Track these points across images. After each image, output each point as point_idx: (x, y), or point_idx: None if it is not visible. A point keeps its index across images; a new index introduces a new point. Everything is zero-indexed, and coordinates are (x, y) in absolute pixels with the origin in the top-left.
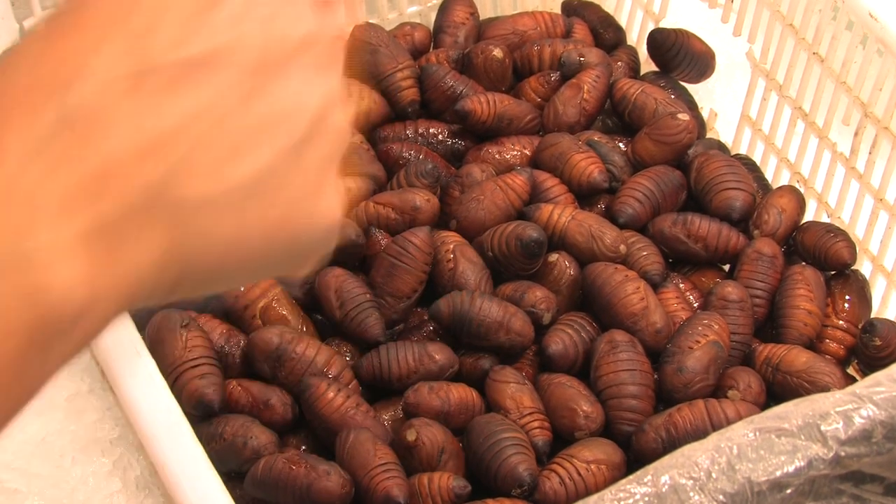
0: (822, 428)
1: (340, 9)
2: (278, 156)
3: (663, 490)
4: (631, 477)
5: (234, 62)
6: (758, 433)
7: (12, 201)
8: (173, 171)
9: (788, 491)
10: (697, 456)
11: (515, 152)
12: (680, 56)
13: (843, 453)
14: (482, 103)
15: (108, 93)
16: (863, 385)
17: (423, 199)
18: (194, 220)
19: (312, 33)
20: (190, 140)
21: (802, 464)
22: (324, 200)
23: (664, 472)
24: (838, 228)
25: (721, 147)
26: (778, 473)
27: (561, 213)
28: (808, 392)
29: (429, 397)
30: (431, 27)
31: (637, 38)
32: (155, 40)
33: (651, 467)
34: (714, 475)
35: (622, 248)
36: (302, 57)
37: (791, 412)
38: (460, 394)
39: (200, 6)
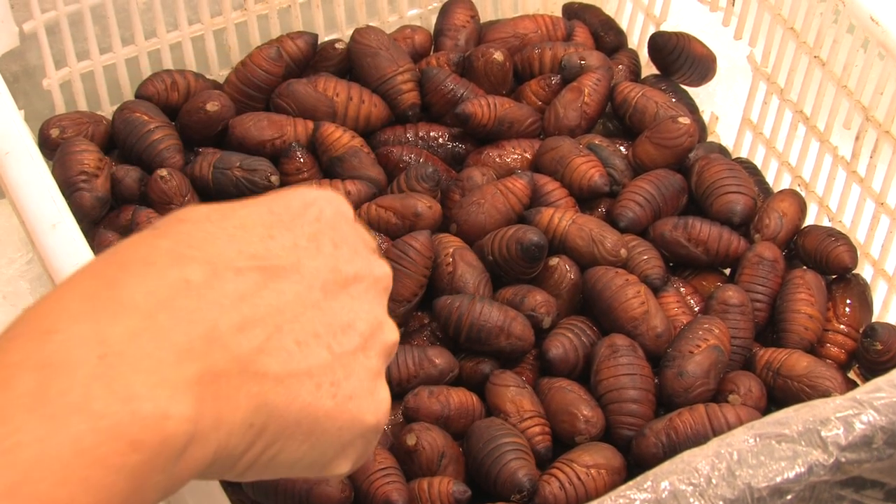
0: (823, 434)
1: (381, 258)
2: (337, 357)
3: (663, 496)
4: (631, 483)
5: (306, 274)
6: (758, 439)
7: (139, 348)
8: (259, 349)
9: (789, 497)
10: (697, 462)
11: (516, 156)
12: (681, 59)
13: (843, 459)
14: (483, 107)
15: (216, 273)
16: (863, 391)
17: (425, 206)
18: (274, 391)
19: (365, 268)
20: (271, 328)
21: (803, 470)
22: (370, 403)
23: (664, 478)
24: (839, 232)
25: (722, 151)
26: (778, 479)
27: (561, 216)
28: (808, 396)
29: (429, 401)
30: (432, 30)
31: (638, 41)
32: (249, 240)
33: (651, 473)
34: (714, 481)
35: (623, 252)
36: (358, 284)
37: (791, 418)
38: (460, 398)
39: (282, 220)
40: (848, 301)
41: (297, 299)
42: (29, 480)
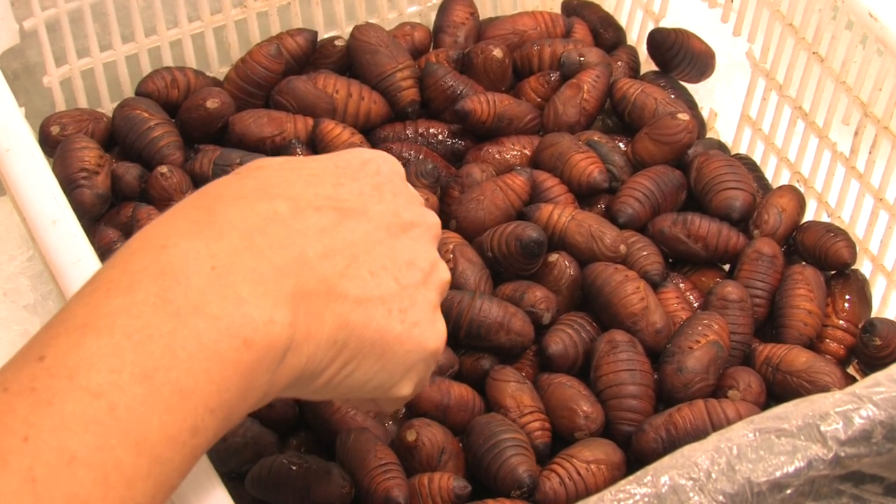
0: (822, 428)
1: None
2: (403, 288)
3: (663, 490)
4: (630, 477)
5: (373, 216)
6: (757, 433)
7: (243, 263)
8: (341, 274)
9: (788, 491)
10: (697, 456)
11: (515, 152)
12: (680, 56)
13: (842, 454)
14: (482, 103)
15: (299, 209)
16: (862, 385)
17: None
18: (354, 312)
19: (420, 216)
20: (349, 258)
21: (802, 464)
22: (432, 331)
23: (664, 473)
24: (838, 228)
25: (721, 147)
26: (778, 474)
27: (561, 213)
28: (808, 392)
29: (429, 389)
30: (431, 27)
31: (637, 37)
32: (322, 185)
33: (651, 468)
34: (714, 476)
35: (622, 248)
36: (415, 229)
37: (791, 412)
38: (460, 391)
39: (347, 172)
40: (847, 296)
41: (367, 237)
42: (161, 367)
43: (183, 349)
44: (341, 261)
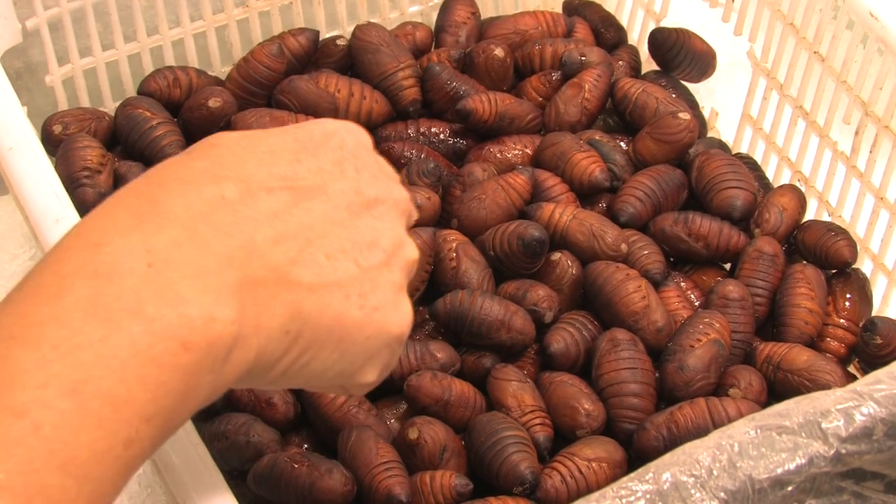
0: (823, 425)
1: (401, 184)
2: (363, 270)
3: (665, 487)
4: (632, 475)
5: (332, 195)
6: (759, 431)
7: (183, 256)
8: (293, 261)
9: (789, 488)
10: (699, 453)
11: (517, 151)
12: (681, 55)
13: (843, 451)
14: (483, 102)
15: (250, 191)
16: (863, 383)
17: (423, 198)
18: (307, 300)
19: (385, 191)
20: (303, 242)
21: (803, 461)
22: (395, 315)
23: (665, 470)
24: (839, 227)
25: (722, 146)
26: (779, 471)
27: (562, 212)
28: (808, 390)
29: (430, 384)
30: (433, 26)
31: (638, 37)
32: (277, 164)
33: (652, 465)
34: (715, 472)
35: (623, 247)
36: (379, 206)
37: (792, 410)
38: (462, 388)
39: (307, 147)
40: (848, 295)
41: (325, 217)
42: (91, 378)
43: (115, 357)
44: (294, 246)
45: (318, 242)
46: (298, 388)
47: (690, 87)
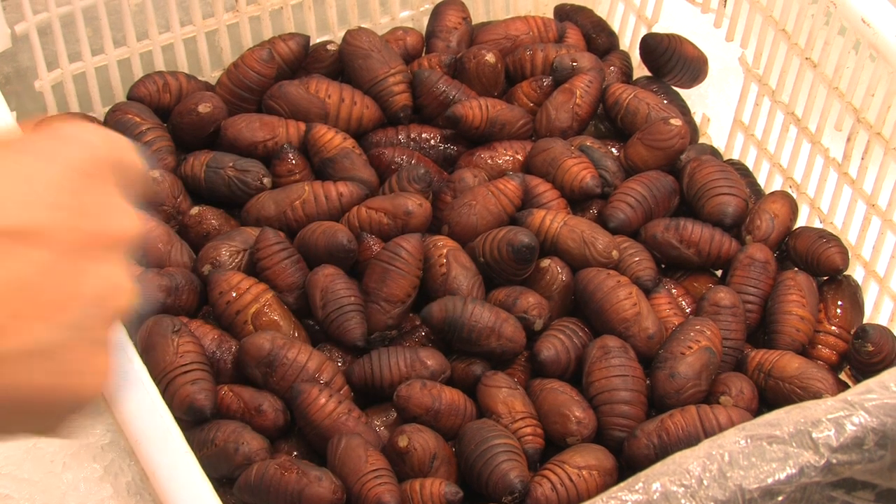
0: (814, 435)
1: (132, 210)
2: (59, 331)
3: (654, 497)
4: (622, 484)
5: (47, 242)
6: (749, 440)
7: None
8: None
9: (780, 498)
10: (689, 463)
11: (508, 157)
12: (672, 61)
13: (834, 460)
14: (474, 108)
15: None
16: (854, 392)
17: (415, 204)
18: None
19: (99, 232)
20: None
21: (794, 471)
22: (89, 377)
23: (655, 480)
24: (831, 234)
25: (713, 152)
26: (769, 481)
27: (553, 218)
28: (800, 398)
29: (420, 393)
30: (424, 32)
31: (630, 42)
32: None
33: (642, 474)
34: (705, 482)
35: (614, 253)
36: (99, 246)
37: (782, 419)
38: (452, 396)
39: (23, 188)
40: (839, 302)
41: (23, 270)
42: None
43: None
44: None
45: (6, 306)
46: None
47: (682, 92)
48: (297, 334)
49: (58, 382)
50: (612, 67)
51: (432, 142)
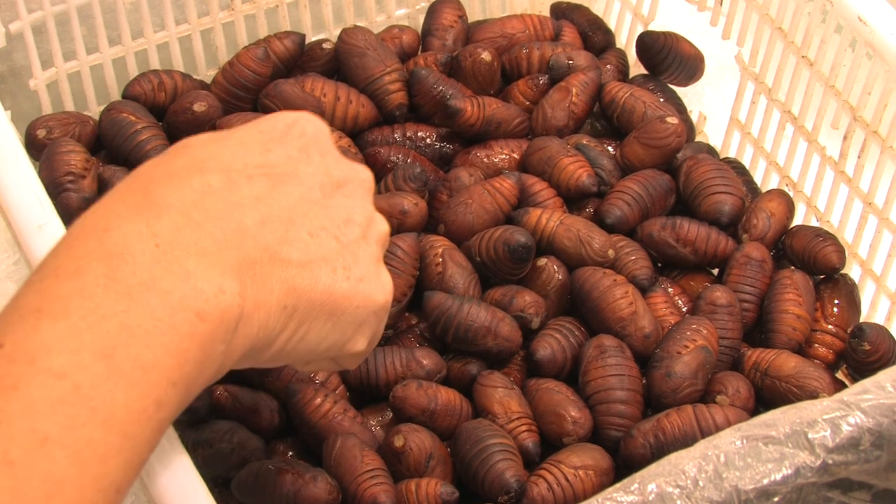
0: (810, 436)
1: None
2: (344, 245)
3: (650, 498)
4: (617, 485)
5: (305, 178)
6: (745, 441)
7: (185, 238)
8: (281, 240)
9: (776, 499)
10: (684, 464)
11: (504, 156)
12: (669, 59)
13: (830, 461)
14: (471, 106)
15: (232, 180)
16: (850, 392)
17: (411, 203)
18: (299, 275)
19: (351, 172)
20: (287, 222)
21: (790, 472)
22: (378, 284)
23: (651, 481)
24: (827, 232)
25: (710, 150)
26: (765, 481)
27: (549, 217)
28: (796, 397)
29: (416, 394)
30: (420, 30)
31: (626, 40)
32: (250, 154)
33: (638, 475)
34: (701, 483)
35: (610, 252)
36: (348, 186)
37: (778, 420)
38: (448, 396)
39: (273, 137)
40: (836, 301)
41: (302, 199)
42: (119, 345)
43: (139, 326)
44: (280, 226)
45: (300, 222)
46: (295, 363)
47: (678, 90)
48: None
49: (354, 287)
50: (608, 66)
51: (428, 140)
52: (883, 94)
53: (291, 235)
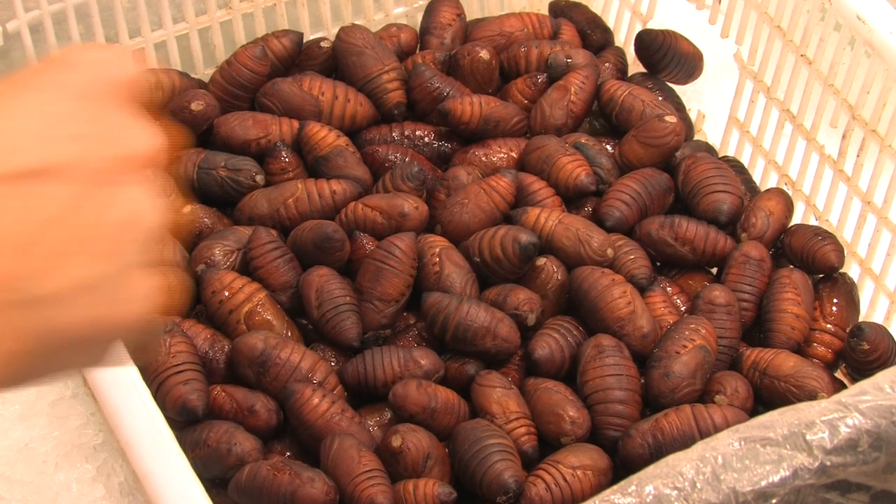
0: (808, 437)
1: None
2: (90, 263)
3: (648, 500)
4: (615, 487)
5: (69, 176)
6: (743, 442)
7: None
8: (16, 276)
9: (774, 501)
10: (682, 466)
11: (502, 155)
12: (668, 57)
13: (828, 463)
14: (468, 105)
15: None
16: (848, 394)
17: (411, 206)
18: (50, 314)
19: (120, 156)
20: (22, 250)
21: (788, 473)
22: (137, 303)
23: (648, 483)
24: (826, 231)
25: (709, 149)
26: (763, 483)
27: (548, 216)
28: (795, 396)
29: (417, 392)
30: (418, 28)
31: (625, 39)
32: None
33: (635, 477)
34: (699, 485)
35: (609, 251)
36: (118, 171)
37: (776, 421)
38: (447, 395)
39: (40, 125)
40: (835, 300)
41: (53, 205)
42: None
43: None
44: (11, 258)
45: (43, 246)
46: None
47: (677, 89)
48: (290, 334)
49: (104, 313)
50: (606, 64)
51: (426, 139)
52: (882, 92)
53: (33, 266)
